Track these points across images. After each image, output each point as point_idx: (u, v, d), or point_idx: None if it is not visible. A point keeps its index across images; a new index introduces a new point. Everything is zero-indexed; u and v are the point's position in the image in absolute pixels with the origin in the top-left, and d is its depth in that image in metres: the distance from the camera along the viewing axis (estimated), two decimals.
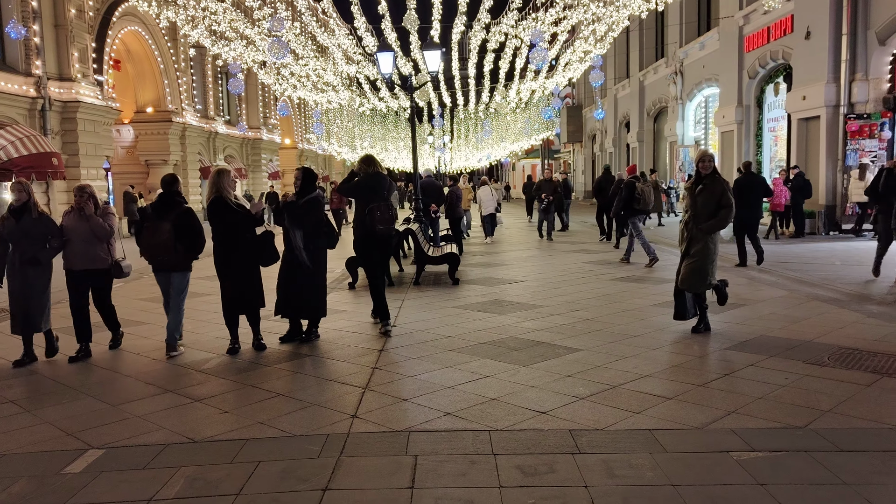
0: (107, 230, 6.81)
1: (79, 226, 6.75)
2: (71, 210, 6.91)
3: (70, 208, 6.94)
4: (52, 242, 6.74)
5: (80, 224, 6.75)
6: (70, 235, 6.78)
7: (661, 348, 6.56)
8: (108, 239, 6.86)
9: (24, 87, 19.69)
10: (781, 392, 5.11)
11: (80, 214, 6.76)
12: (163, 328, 8.32)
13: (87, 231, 6.71)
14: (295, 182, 7.21)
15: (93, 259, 6.78)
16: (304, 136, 50.39)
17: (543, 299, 9.39)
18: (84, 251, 6.74)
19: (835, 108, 17.16)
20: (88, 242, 6.74)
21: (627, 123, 36.27)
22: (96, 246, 6.79)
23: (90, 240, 6.74)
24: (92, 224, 6.72)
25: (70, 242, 6.78)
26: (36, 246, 6.65)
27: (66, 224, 6.82)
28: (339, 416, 4.83)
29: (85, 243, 6.74)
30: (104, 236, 6.82)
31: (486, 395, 5.17)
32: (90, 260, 6.78)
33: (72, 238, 6.76)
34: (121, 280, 7.43)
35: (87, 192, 6.78)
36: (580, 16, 17.29)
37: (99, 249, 6.82)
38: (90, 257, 6.77)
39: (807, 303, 8.68)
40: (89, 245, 6.75)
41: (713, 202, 6.82)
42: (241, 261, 6.74)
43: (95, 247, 6.78)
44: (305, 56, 21.19)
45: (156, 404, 5.29)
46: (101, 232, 6.77)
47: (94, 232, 6.74)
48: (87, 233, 6.71)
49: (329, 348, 6.91)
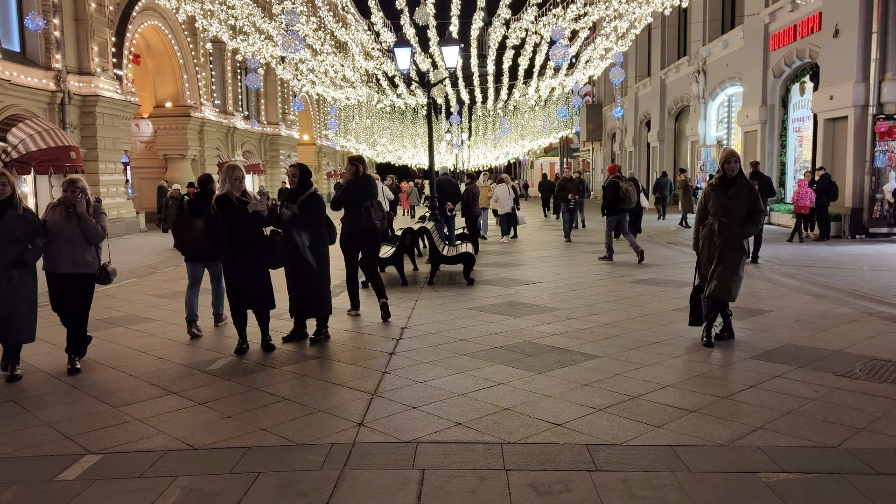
0: (100, 234, 6.13)
1: (67, 225, 6.02)
2: (56, 205, 6.12)
3: (55, 203, 6.16)
4: (37, 242, 5.97)
5: (68, 223, 6.02)
6: (55, 235, 6.02)
7: (682, 356, 6.30)
8: (99, 242, 6.22)
9: (44, 81, 19.73)
10: (811, 407, 4.84)
11: (67, 212, 6.03)
12: (171, 325, 8.25)
13: (77, 232, 6.02)
14: (291, 179, 7.03)
15: (79, 262, 6.08)
16: (322, 133, 50.35)
17: (560, 302, 9.15)
18: (70, 253, 6.04)
19: (863, 109, 16.71)
20: (76, 244, 6.05)
21: (648, 122, 35.79)
22: (84, 248, 6.10)
23: (78, 241, 6.05)
24: (85, 226, 6.03)
25: (55, 242, 6.03)
26: (20, 246, 5.88)
27: (51, 221, 6.04)
28: (345, 423, 4.64)
29: (72, 245, 6.04)
30: (96, 239, 6.16)
31: (498, 405, 4.95)
32: (76, 263, 6.07)
33: (57, 238, 6.02)
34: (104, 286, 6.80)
35: (79, 186, 6.08)
36: (602, 12, 16.97)
37: (87, 252, 6.13)
38: (77, 260, 6.07)
39: (835, 310, 8.36)
40: (77, 247, 6.06)
41: (747, 205, 6.53)
42: (248, 259, 6.54)
43: (83, 249, 6.10)
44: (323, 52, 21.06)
45: (158, 407, 5.13)
46: (93, 235, 6.10)
47: (85, 234, 6.06)
48: (76, 234, 6.02)
49: (338, 350, 6.73)
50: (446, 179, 15.38)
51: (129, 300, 10.41)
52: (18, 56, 19.40)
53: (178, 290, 11.10)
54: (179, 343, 7.28)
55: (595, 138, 48.40)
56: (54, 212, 6.10)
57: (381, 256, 11.11)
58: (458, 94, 31.95)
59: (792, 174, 21.48)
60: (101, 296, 10.62)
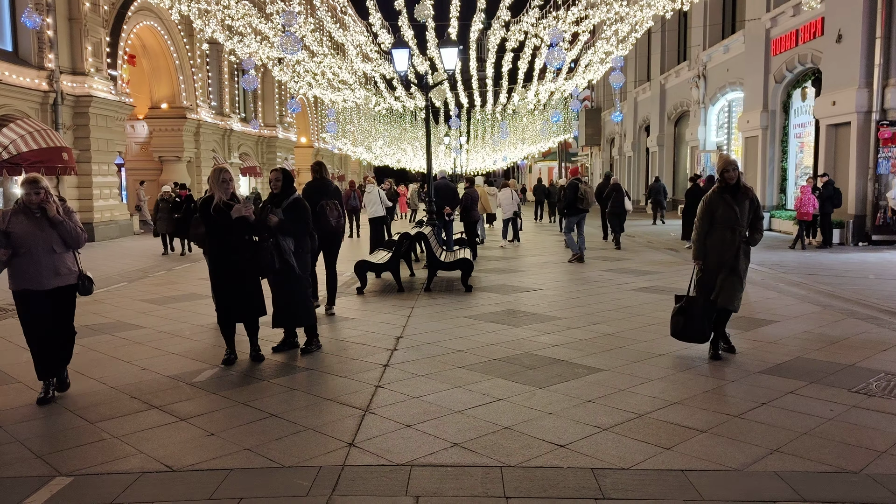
0: (81, 235, 5.41)
1: (39, 232, 5.20)
2: (19, 209, 5.25)
3: (15, 208, 5.28)
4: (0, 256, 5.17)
5: (40, 230, 5.21)
6: (28, 247, 5.17)
7: (689, 370, 6.04)
8: (79, 245, 5.44)
9: (37, 81, 19.45)
10: (828, 427, 4.58)
11: (33, 217, 5.21)
12: (159, 332, 7.97)
13: (54, 239, 5.25)
14: (273, 183, 6.76)
15: (63, 273, 5.32)
16: (319, 135, 50.09)
17: (561, 310, 8.88)
18: (52, 264, 5.24)
19: (866, 115, 16.49)
20: (56, 252, 5.26)
21: (647, 127, 35.59)
22: (63, 256, 5.34)
23: (59, 249, 5.29)
24: (62, 230, 5.26)
25: (29, 256, 5.18)
26: None
27: (20, 231, 5.16)
28: (335, 443, 4.36)
29: (51, 254, 5.23)
30: (78, 243, 5.42)
31: (498, 423, 4.68)
32: (60, 274, 5.30)
33: (32, 250, 5.17)
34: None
35: (42, 186, 5.22)
36: (603, 15, 16.75)
37: (68, 260, 5.39)
38: (60, 271, 5.29)
39: (843, 320, 8.11)
40: (57, 255, 5.28)
41: (751, 212, 6.31)
42: (235, 266, 6.25)
43: (64, 257, 5.34)
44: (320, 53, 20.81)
45: (138, 423, 4.85)
46: (74, 238, 5.35)
47: (65, 239, 5.31)
48: (55, 241, 5.26)
49: (331, 362, 6.45)
50: (444, 183, 15.11)
51: (117, 306, 10.12)
52: (10, 55, 19.13)
53: (169, 296, 10.84)
54: (166, 352, 7.00)
55: (594, 143, 48.19)
56: (18, 220, 5.20)
57: (377, 262, 10.87)
58: (457, 97, 31.72)
59: (793, 180, 21.27)
60: (87, 301, 10.33)
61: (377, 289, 11.06)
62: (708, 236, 6.41)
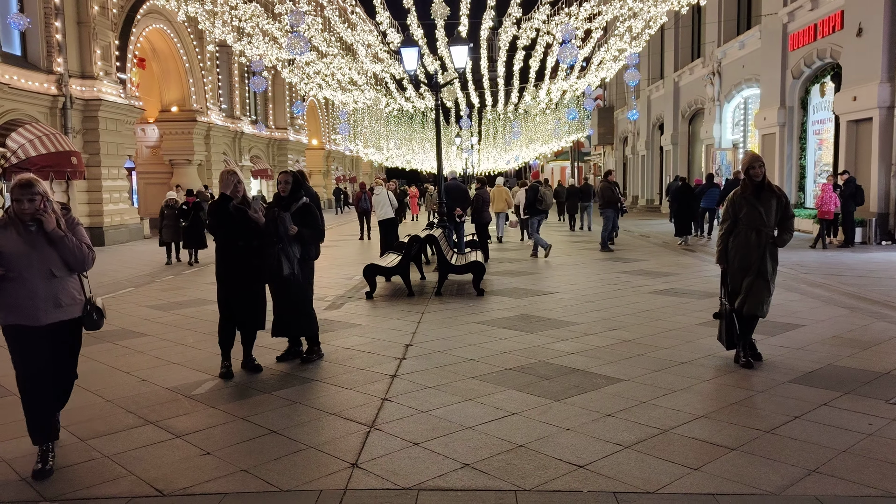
0: (87, 254, 4.21)
1: (32, 252, 4.05)
2: (8, 222, 4.08)
3: (5, 217, 4.12)
4: None
5: (31, 248, 4.05)
6: (15, 268, 4.03)
7: (714, 379, 5.71)
8: (89, 267, 4.29)
9: (46, 85, 19.37)
10: (868, 443, 4.25)
11: (26, 231, 4.05)
12: (162, 340, 7.73)
13: (52, 259, 4.09)
14: (282, 186, 6.48)
15: (65, 303, 4.17)
16: (331, 137, 49.97)
17: (577, 315, 8.56)
18: (50, 292, 4.09)
19: (889, 110, 16.05)
20: (55, 277, 4.11)
21: (661, 125, 35.12)
22: (67, 281, 4.20)
23: (59, 272, 4.13)
24: (63, 249, 4.09)
25: (19, 282, 4.04)
26: None
27: (5, 249, 4.02)
28: (337, 464, 4.08)
29: (49, 279, 4.09)
30: (83, 264, 4.22)
31: (512, 440, 4.38)
32: (60, 305, 4.15)
33: (20, 273, 4.03)
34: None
35: (37, 192, 4.02)
36: (616, 11, 16.40)
37: (71, 286, 4.22)
38: (61, 300, 4.14)
39: (872, 324, 7.74)
40: (57, 281, 4.12)
41: (779, 212, 5.97)
42: (242, 271, 5.99)
43: (66, 282, 4.19)
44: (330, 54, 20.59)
45: (131, 440, 4.59)
46: (78, 259, 4.16)
47: (66, 260, 4.14)
48: (53, 262, 4.10)
49: (336, 372, 6.17)
50: (455, 184, 14.84)
51: (122, 312, 9.90)
52: (19, 60, 19.05)
53: (175, 302, 10.62)
54: (167, 362, 6.76)
55: (606, 142, 47.71)
56: (6, 235, 4.04)
57: (387, 266, 10.59)
58: (468, 97, 31.42)
59: (812, 178, 20.80)
60: None
61: (387, 293, 10.79)
62: (732, 238, 6.08)
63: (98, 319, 4.37)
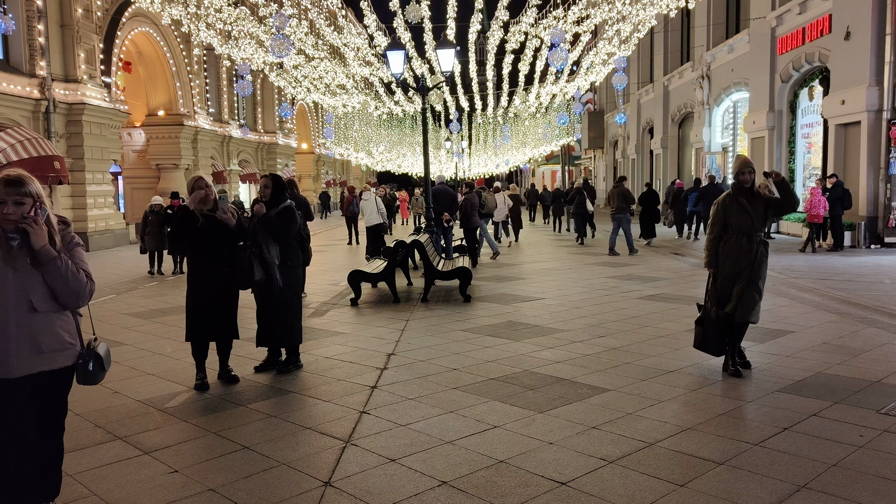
0: (83, 285, 3.15)
1: (6, 273, 3.05)
2: None
3: None
4: None
5: (9, 268, 3.05)
6: None
7: (702, 389, 5.58)
8: (80, 302, 3.20)
9: (28, 89, 19.09)
10: (860, 456, 4.12)
11: (6, 244, 3.06)
12: (140, 350, 7.53)
13: (32, 285, 3.08)
14: (263, 190, 6.31)
15: (48, 348, 3.13)
16: (320, 141, 49.75)
17: (563, 322, 8.43)
18: (21, 332, 3.06)
19: (877, 113, 16.04)
20: (36, 312, 3.09)
21: (651, 129, 35.13)
22: (52, 319, 3.14)
23: (42, 306, 3.10)
24: (51, 273, 3.06)
25: None
26: None
27: None
28: (310, 482, 3.91)
29: (23, 314, 3.07)
30: (76, 298, 3.15)
31: (492, 455, 4.22)
32: (41, 351, 3.10)
33: None
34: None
35: (28, 192, 3.05)
36: (604, 14, 16.32)
37: (59, 325, 3.17)
38: (41, 344, 3.10)
39: (862, 330, 7.64)
40: (31, 318, 3.08)
41: (769, 214, 5.88)
42: (214, 277, 5.79)
43: (51, 321, 3.13)
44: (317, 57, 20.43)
45: (97, 457, 4.41)
46: (71, 290, 3.11)
47: (55, 290, 3.10)
48: (36, 290, 3.09)
49: (315, 383, 6.00)
50: (442, 188, 14.70)
51: (101, 320, 9.67)
52: (1, 63, 18.78)
53: (157, 309, 10.42)
54: (142, 372, 6.57)
55: (597, 146, 47.74)
56: None
57: (372, 272, 10.43)
58: (458, 101, 31.32)
59: (801, 181, 20.79)
60: None
61: (372, 299, 10.63)
62: (722, 242, 5.96)
63: (95, 371, 3.28)
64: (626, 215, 16.47)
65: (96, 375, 3.32)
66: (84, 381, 3.33)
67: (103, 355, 3.36)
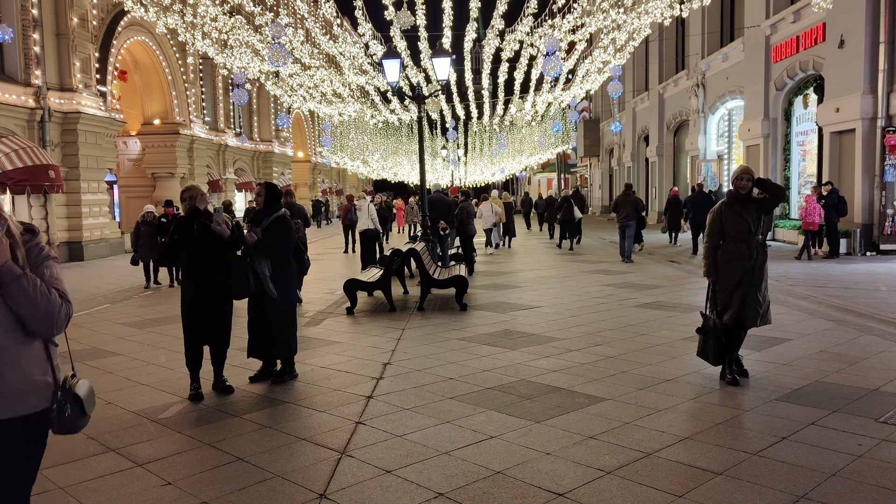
0: (55, 307, 2.52)
1: None
2: None
3: None
4: None
5: None
6: None
7: (699, 398, 5.55)
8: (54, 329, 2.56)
9: (23, 98, 19.04)
10: (859, 466, 4.09)
11: None
12: (134, 360, 7.48)
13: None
14: (256, 198, 6.28)
15: (12, 391, 2.49)
16: (316, 150, 49.76)
17: (560, 330, 8.40)
18: None
19: (871, 121, 16.09)
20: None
21: (646, 137, 35.23)
22: (16, 353, 2.51)
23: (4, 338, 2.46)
24: (17, 295, 2.44)
25: None
26: None
27: None
28: (304, 494, 3.87)
29: None
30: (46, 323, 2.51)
31: (489, 466, 4.18)
32: (4, 396, 2.48)
33: None
34: None
35: None
36: (599, 23, 16.36)
37: (28, 360, 2.54)
38: (5, 386, 2.47)
39: (859, 338, 7.63)
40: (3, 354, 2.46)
41: (764, 216, 5.89)
42: (208, 287, 5.76)
43: (16, 356, 2.50)
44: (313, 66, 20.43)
45: (89, 469, 4.36)
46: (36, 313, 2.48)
47: (20, 315, 2.48)
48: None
49: (310, 393, 5.96)
50: (438, 197, 14.69)
51: (95, 330, 9.64)
52: None
53: (151, 319, 10.37)
54: (136, 383, 6.52)
55: (592, 154, 47.86)
56: None
57: (368, 280, 10.40)
58: (454, 109, 31.36)
59: (796, 189, 20.84)
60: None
61: (368, 308, 10.59)
62: (721, 250, 5.95)
63: (74, 417, 2.63)
64: (634, 223, 16.63)
65: (76, 422, 2.65)
66: (61, 429, 2.65)
67: (84, 396, 2.67)
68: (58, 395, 2.61)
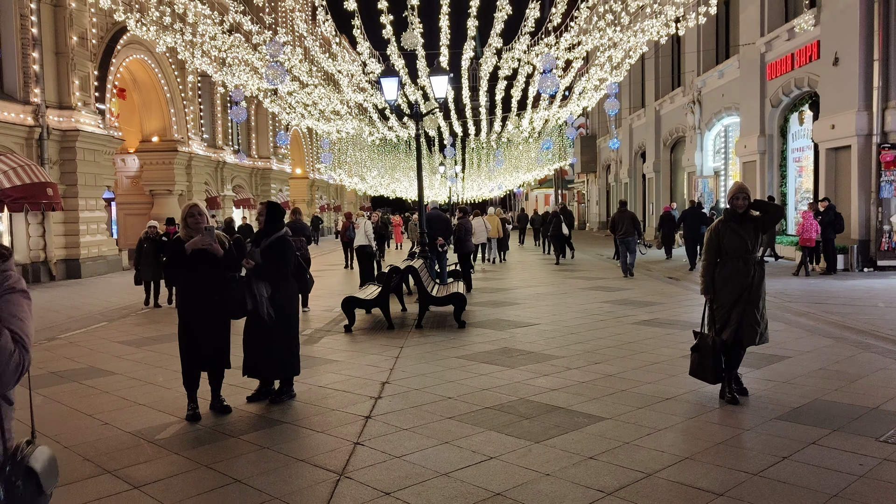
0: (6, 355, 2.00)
1: None
2: None
3: None
4: None
5: None
6: None
7: (699, 417, 5.53)
8: (7, 380, 2.04)
9: (22, 116, 19.09)
10: (860, 487, 4.07)
11: None
12: (131, 379, 7.44)
13: None
14: (258, 218, 6.29)
15: None
16: (314, 166, 49.89)
17: (559, 348, 8.38)
18: None
19: (867, 138, 16.19)
20: None
21: (643, 153, 35.38)
22: None
23: None
24: None
25: None
26: None
27: None
28: None
29: None
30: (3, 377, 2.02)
31: (488, 488, 4.15)
32: None
33: None
34: None
35: None
36: (596, 41, 16.50)
37: None
38: None
39: (858, 354, 7.62)
40: None
41: (761, 234, 5.92)
42: (206, 307, 5.74)
43: None
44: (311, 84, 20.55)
45: (85, 492, 4.32)
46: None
47: None
48: None
49: (308, 413, 5.92)
50: (436, 213, 14.72)
51: (92, 348, 9.60)
52: None
53: (148, 337, 10.32)
54: (133, 403, 6.48)
55: (589, 170, 48.05)
56: None
57: (366, 298, 10.38)
58: (451, 126, 31.51)
59: (793, 205, 20.91)
60: (61, 344, 9.83)
61: (366, 326, 10.56)
62: (718, 268, 5.96)
63: (27, 497, 2.14)
64: (634, 238, 16.79)
65: (39, 497, 2.12)
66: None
67: (41, 470, 2.15)
68: (6, 471, 2.09)
